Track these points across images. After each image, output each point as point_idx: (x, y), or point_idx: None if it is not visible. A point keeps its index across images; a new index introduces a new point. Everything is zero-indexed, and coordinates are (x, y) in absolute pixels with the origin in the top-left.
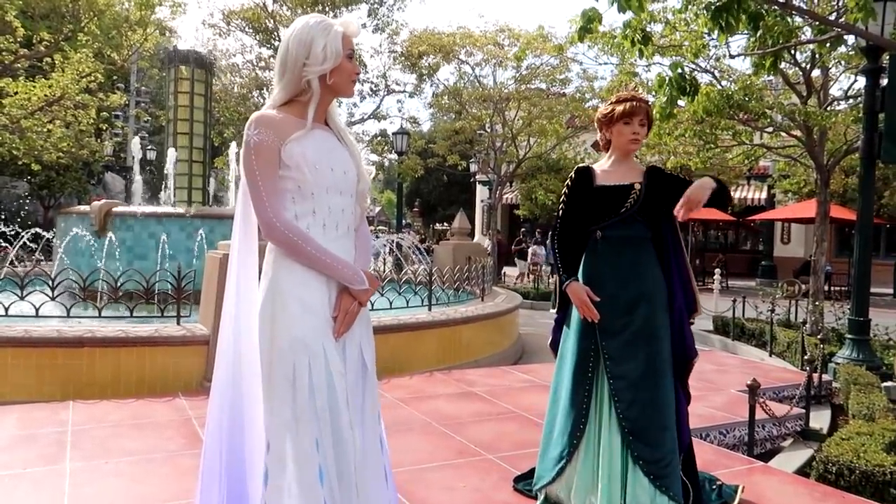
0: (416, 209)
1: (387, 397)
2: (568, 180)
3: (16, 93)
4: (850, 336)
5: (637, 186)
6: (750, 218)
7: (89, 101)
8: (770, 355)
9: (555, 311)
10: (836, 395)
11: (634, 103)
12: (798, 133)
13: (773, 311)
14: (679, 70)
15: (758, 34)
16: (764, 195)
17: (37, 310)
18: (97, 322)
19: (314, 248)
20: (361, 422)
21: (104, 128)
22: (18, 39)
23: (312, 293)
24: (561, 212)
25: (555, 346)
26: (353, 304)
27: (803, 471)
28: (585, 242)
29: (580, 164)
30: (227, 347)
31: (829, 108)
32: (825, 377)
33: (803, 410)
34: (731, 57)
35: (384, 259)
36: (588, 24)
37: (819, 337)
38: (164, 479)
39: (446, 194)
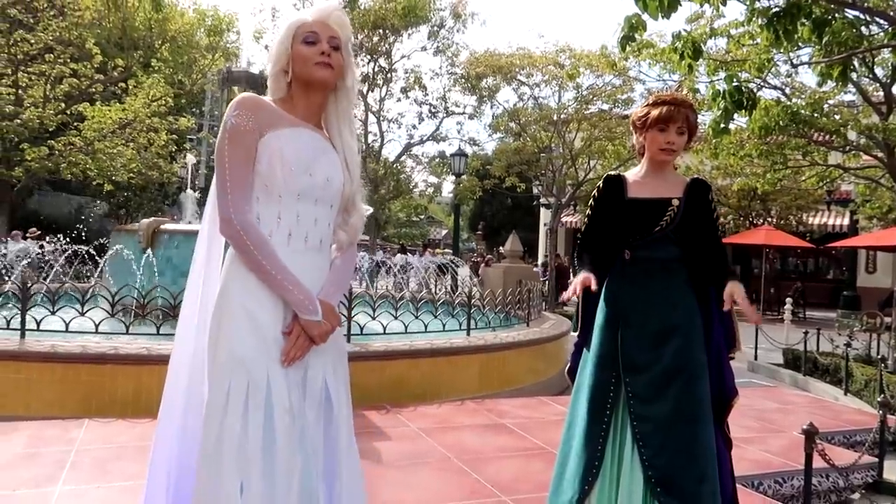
0: (479, 232)
1: (409, 427)
2: (595, 190)
3: (93, 116)
4: None
5: (675, 202)
6: (829, 245)
7: (159, 125)
8: (845, 394)
9: (576, 333)
10: None
11: (672, 108)
12: (878, 153)
13: (848, 344)
14: (734, 82)
15: (823, 42)
16: (846, 221)
17: (66, 325)
18: (125, 338)
19: (267, 261)
20: (332, 469)
21: (174, 150)
22: (95, 66)
23: (263, 308)
24: (585, 225)
25: (572, 373)
26: (303, 336)
27: None
28: (610, 262)
29: (611, 172)
30: (181, 363)
31: None
32: None
33: (876, 459)
34: (794, 66)
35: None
36: (631, 33)
37: (892, 372)
38: None
39: (510, 217)
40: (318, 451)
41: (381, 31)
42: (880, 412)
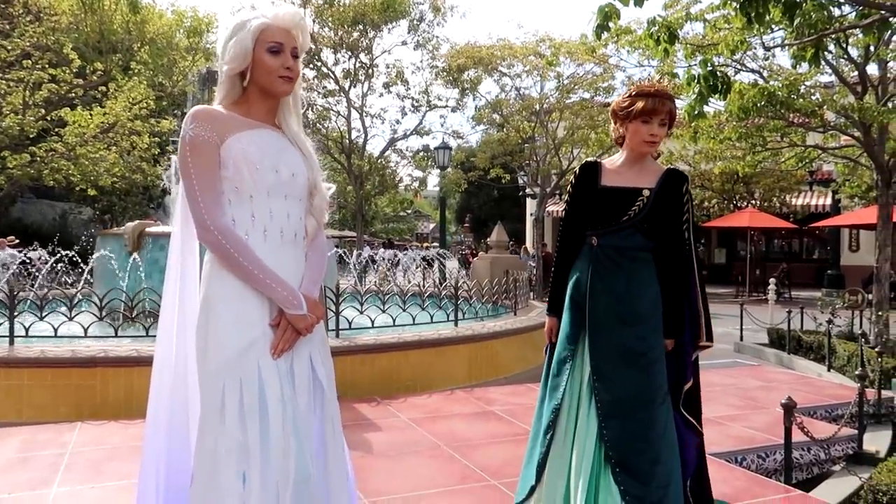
0: (466, 224)
1: (399, 418)
2: (573, 176)
3: (74, 121)
4: None
5: (646, 193)
6: (813, 225)
7: (141, 128)
8: (828, 370)
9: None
10: None
11: (656, 100)
12: (855, 132)
13: (830, 322)
14: (708, 66)
15: (794, 24)
16: (828, 201)
17: (55, 330)
18: (113, 341)
19: (247, 260)
20: (322, 451)
21: (157, 153)
22: (74, 70)
23: (249, 306)
24: (565, 211)
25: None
26: (290, 328)
27: (851, 501)
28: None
29: (588, 159)
30: (164, 365)
31: (888, 104)
32: (888, 394)
33: (856, 431)
34: (766, 49)
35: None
36: (605, 21)
37: (877, 350)
38: None
39: (497, 209)
40: (310, 435)
41: (360, 26)
42: (858, 385)
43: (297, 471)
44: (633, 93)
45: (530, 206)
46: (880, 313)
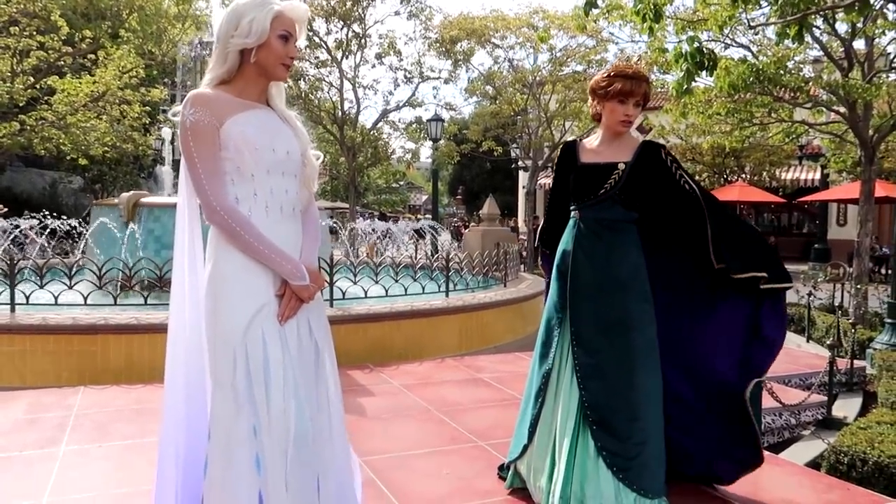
0: (459, 196)
1: (392, 384)
2: (557, 155)
3: (63, 90)
4: (889, 320)
5: (621, 167)
6: (800, 199)
7: (131, 97)
8: (807, 341)
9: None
10: (872, 383)
11: (633, 82)
12: (841, 108)
13: (810, 294)
14: (696, 43)
15: (778, 2)
16: (818, 175)
17: (56, 298)
18: (113, 309)
19: (253, 237)
20: (323, 405)
21: (148, 122)
22: (62, 38)
23: (255, 276)
24: (550, 188)
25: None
26: (294, 297)
27: (816, 462)
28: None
29: (568, 139)
30: (178, 336)
31: (873, 81)
32: (862, 363)
33: (825, 398)
34: (751, 27)
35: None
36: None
37: (851, 321)
38: (149, 465)
39: (489, 181)
40: (309, 395)
41: None
42: (829, 354)
43: (296, 429)
44: (612, 73)
45: (523, 178)
46: (859, 286)
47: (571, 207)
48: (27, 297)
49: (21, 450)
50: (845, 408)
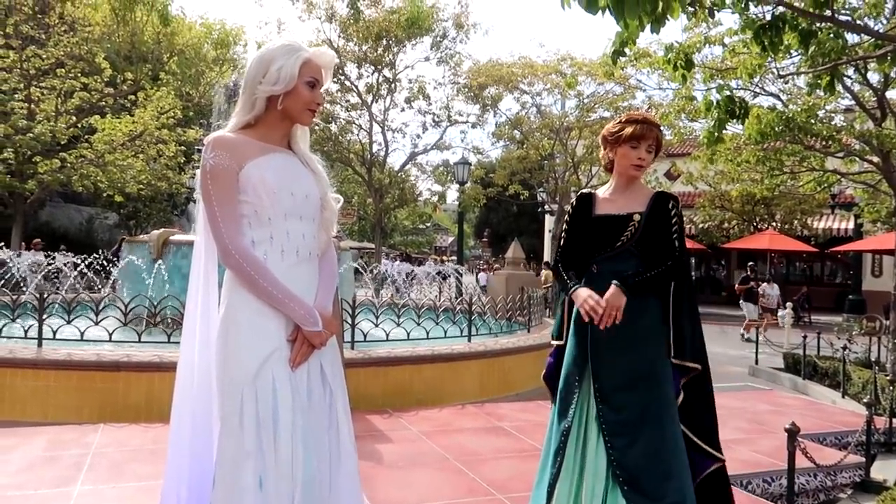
0: (485, 239)
1: (411, 430)
2: (569, 206)
3: (103, 129)
4: None
5: (636, 217)
6: (833, 249)
7: (168, 137)
8: (843, 397)
9: (556, 341)
10: None
11: (644, 126)
12: (874, 158)
13: (846, 348)
14: (727, 92)
15: (809, 52)
16: (851, 225)
17: (82, 334)
18: (138, 346)
19: (267, 282)
20: (334, 453)
21: (183, 161)
22: (105, 79)
23: (268, 320)
24: (562, 240)
25: (547, 378)
26: (306, 343)
27: None
28: (582, 274)
29: (583, 190)
30: (188, 372)
31: None
32: None
33: (863, 459)
34: (780, 77)
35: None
36: (622, 47)
37: (889, 377)
38: None
39: (515, 224)
40: (319, 441)
41: (384, 41)
42: (867, 412)
43: (304, 475)
44: (623, 119)
45: (549, 222)
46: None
47: (588, 260)
48: (54, 332)
49: (37, 488)
50: (885, 470)
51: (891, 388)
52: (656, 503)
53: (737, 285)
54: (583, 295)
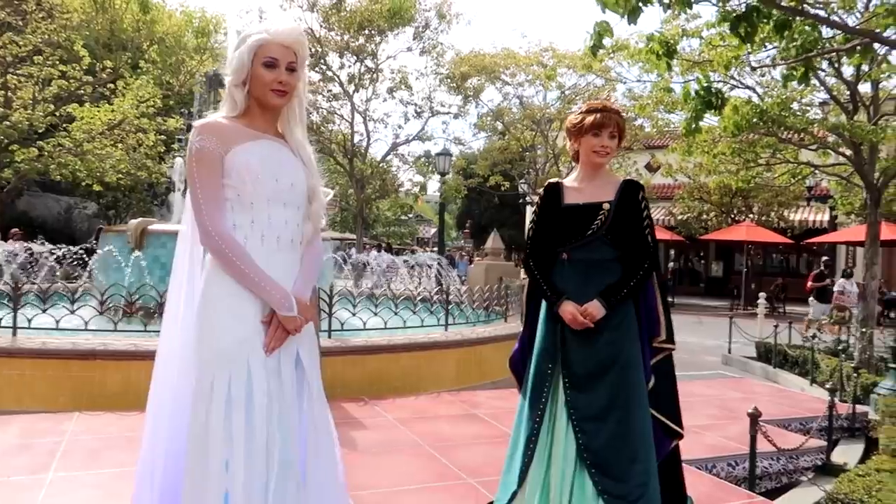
0: (466, 230)
1: (386, 417)
2: (538, 197)
3: (82, 118)
4: (893, 365)
5: (606, 206)
6: (808, 241)
7: (148, 126)
8: (811, 384)
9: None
10: (875, 429)
11: (604, 114)
12: (847, 151)
13: (814, 336)
14: (705, 83)
15: (784, 44)
16: (826, 217)
17: (57, 322)
18: (113, 335)
19: (245, 265)
20: (307, 440)
21: (163, 151)
22: (84, 67)
23: (244, 303)
24: (531, 231)
25: (513, 364)
26: (280, 328)
27: None
28: (553, 263)
29: (551, 180)
30: (169, 356)
31: (879, 124)
32: (866, 409)
33: (825, 443)
34: (753, 69)
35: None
36: (599, 41)
37: (853, 364)
38: None
39: (497, 215)
40: (295, 426)
41: (367, 31)
42: (829, 398)
43: (280, 459)
44: (584, 109)
45: (530, 213)
46: (864, 330)
47: (559, 249)
48: (29, 321)
49: (10, 475)
50: (846, 454)
51: (856, 375)
52: (622, 485)
53: (810, 282)
54: (568, 309)
